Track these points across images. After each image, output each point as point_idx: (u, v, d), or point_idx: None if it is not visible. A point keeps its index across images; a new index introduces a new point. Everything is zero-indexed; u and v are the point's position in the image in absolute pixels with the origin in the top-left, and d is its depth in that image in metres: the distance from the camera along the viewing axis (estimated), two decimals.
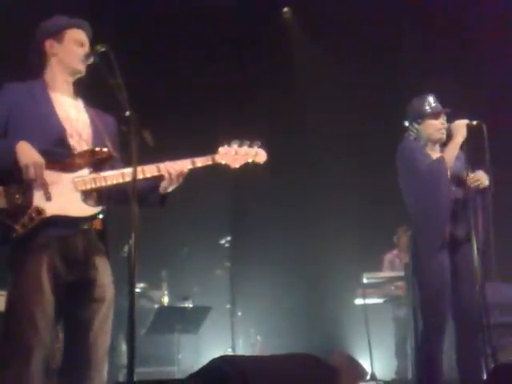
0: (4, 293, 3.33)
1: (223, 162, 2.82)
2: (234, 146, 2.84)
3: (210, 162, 2.79)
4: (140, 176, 2.51)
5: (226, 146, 2.83)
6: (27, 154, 2.44)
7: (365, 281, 5.79)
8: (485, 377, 3.38)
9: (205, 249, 6.48)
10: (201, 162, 2.76)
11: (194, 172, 2.77)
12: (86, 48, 2.70)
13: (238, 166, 2.84)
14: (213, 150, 2.83)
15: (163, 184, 2.71)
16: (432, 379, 3.64)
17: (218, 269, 6.59)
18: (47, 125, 2.58)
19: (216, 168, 2.88)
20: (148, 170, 2.63)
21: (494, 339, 3.58)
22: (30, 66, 2.75)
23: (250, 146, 2.87)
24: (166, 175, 2.67)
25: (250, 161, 2.86)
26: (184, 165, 2.71)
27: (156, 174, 2.66)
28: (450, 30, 6.32)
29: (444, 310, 3.67)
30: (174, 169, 2.67)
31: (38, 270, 2.44)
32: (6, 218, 2.40)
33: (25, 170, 2.42)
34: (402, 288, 5.55)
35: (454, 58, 6.21)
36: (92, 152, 2.61)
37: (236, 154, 2.82)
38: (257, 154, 2.88)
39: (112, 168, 2.63)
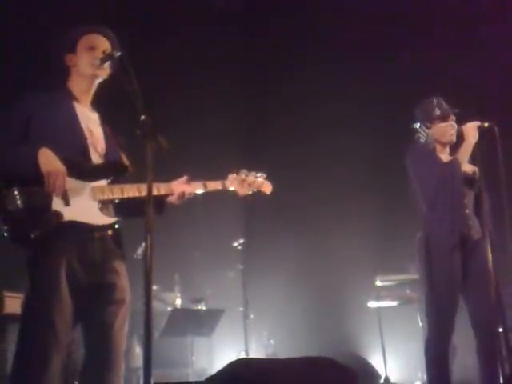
0: (19, 295, 3.37)
1: (231, 189, 2.94)
2: (242, 174, 2.96)
3: (219, 188, 2.93)
4: (154, 192, 2.54)
5: (234, 174, 2.95)
6: (49, 161, 2.46)
7: (378, 283, 5.76)
8: (501, 381, 3.36)
9: (218, 251, 6.49)
10: (212, 186, 2.90)
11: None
12: (100, 50, 2.72)
13: (244, 194, 2.96)
14: (223, 177, 2.96)
15: (170, 199, 2.81)
16: (438, 380, 3.62)
17: (231, 271, 6.59)
18: (70, 134, 2.63)
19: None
20: (163, 188, 2.74)
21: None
22: (56, 77, 2.82)
23: (257, 176, 2.99)
24: (178, 195, 2.78)
25: (255, 190, 2.98)
26: (196, 187, 2.85)
27: (169, 192, 2.77)
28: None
29: (450, 311, 3.65)
30: (188, 190, 2.79)
31: (56, 273, 2.45)
32: (24, 218, 2.42)
33: (47, 177, 2.43)
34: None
35: (463, 58, 6.14)
36: (112, 164, 2.68)
37: (243, 183, 2.94)
38: (262, 185, 3.01)
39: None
